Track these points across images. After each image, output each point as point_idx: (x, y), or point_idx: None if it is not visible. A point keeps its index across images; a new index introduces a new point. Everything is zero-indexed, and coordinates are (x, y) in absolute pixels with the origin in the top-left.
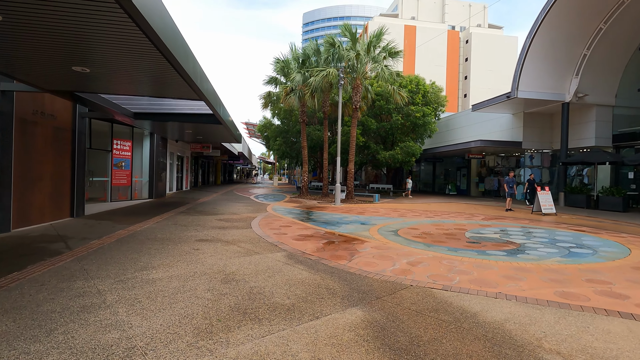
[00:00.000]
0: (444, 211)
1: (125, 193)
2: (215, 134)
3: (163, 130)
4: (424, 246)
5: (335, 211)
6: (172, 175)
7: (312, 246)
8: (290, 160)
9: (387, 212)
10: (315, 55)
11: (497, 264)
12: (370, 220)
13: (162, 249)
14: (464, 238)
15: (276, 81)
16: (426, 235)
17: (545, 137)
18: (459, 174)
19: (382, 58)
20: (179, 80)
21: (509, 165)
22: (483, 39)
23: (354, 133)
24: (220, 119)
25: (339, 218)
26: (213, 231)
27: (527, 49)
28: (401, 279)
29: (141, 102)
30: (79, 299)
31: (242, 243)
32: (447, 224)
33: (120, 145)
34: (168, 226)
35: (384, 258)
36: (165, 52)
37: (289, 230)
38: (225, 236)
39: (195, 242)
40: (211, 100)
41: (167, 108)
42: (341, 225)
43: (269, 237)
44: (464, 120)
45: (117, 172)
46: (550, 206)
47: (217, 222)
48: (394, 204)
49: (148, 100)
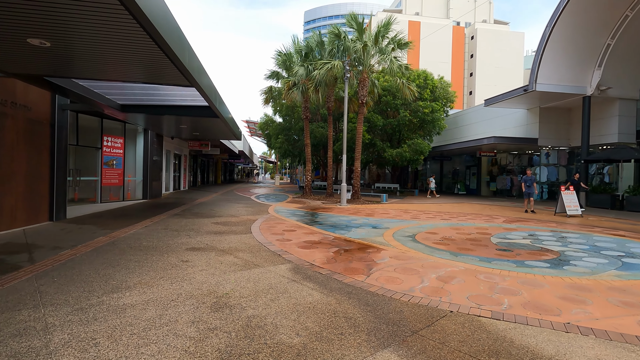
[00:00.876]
0: (459, 212)
1: (117, 193)
2: (213, 130)
3: (157, 126)
4: (450, 255)
5: (341, 212)
6: (169, 174)
7: (321, 256)
8: (292, 158)
9: (398, 214)
10: (319, 48)
11: (544, 279)
12: (381, 224)
13: (144, 261)
14: (491, 245)
15: (278, 75)
16: (448, 241)
17: (562, 133)
18: (469, 173)
19: (390, 50)
20: (163, 60)
21: (520, 163)
22: (489, 35)
23: (360, 129)
24: (216, 110)
25: (347, 221)
26: (208, 237)
27: (546, 38)
28: (436, 302)
29: (131, 93)
30: (13, 341)
31: (240, 252)
32: (467, 228)
33: (111, 142)
34: (157, 231)
35: (408, 271)
36: (141, 19)
37: (294, 236)
38: (221, 243)
39: (185, 252)
40: (205, 89)
41: (158, 100)
42: (351, 229)
43: (271, 244)
44: (474, 117)
45: (107, 171)
46: (576, 207)
47: (213, 226)
48: (403, 205)
49: (139, 91)
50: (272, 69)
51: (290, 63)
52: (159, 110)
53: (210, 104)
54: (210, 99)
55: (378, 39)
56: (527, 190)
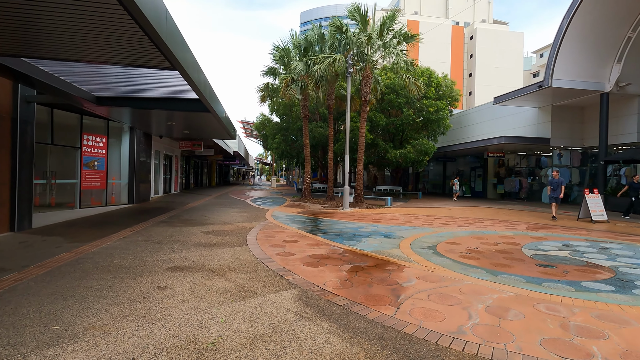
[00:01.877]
0: (472, 218)
1: (100, 198)
2: (206, 128)
3: (144, 123)
4: (488, 274)
5: (346, 218)
6: (158, 176)
7: (333, 277)
8: (289, 160)
9: (408, 220)
10: (319, 43)
11: (622, 310)
12: (393, 231)
13: (108, 289)
14: (527, 258)
15: (275, 72)
16: (476, 254)
17: (575, 133)
18: (474, 175)
19: (395, 43)
20: (131, 25)
21: (528, 164)
22: (488, 34)
23: (363, 129)
24: (207, 103)
25: (354, 228)
26: (195, 251)
27: (564, 30)
28: (502, 352)
29: (110, 84)
30: None
31: (234, 273)
32: (490, 237)
33: (92, 141)
34: (136, 244)
35: (446, 299)
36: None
37: (297, 248)
38: (210, 260)
39: (165, 273)
40: (190, 72)
41: (139, 92)
42: (361, 239)
43: (270, 260)
44: (479, 116)
45: (88, 173)
46: (601, 212)
47: (203, 237)
48: (410, 209)
49: (118, 79)
50: (269, 65)
51: (288, 58)
52: (141, 103)
53: (199, 94)
54: (198, 88)
55: (383, 32)
56: (552, 194)
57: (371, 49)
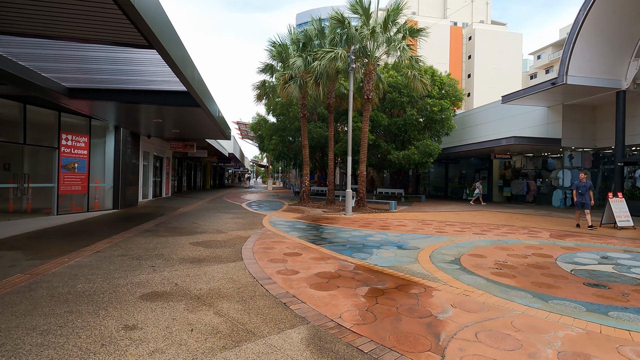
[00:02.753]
0: (486, 224)
1: (81, 203)
2: (197, 127)
3: (130, 122)
4: (536, 299)
5: (350, 224)
6: (147, 179)
7: (349, 305)
8: (287, 162)
9: (418, 226)
10: (319, 38)
11: None
12: (405, 241)
13: (57, 331)
14: (569, 275)
15: (272, 69)
16: (508, 269)
17: (587, 133)
18: (478, 177)
19: (400, 38)
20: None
21: (535, 166)
22: (486, 35)
23: (365, 128)
24: (197, 96)
25: (361, 236)
26: (180, 269)
27: (580, 24)
28: None
29: (85, 73)
30: None
31: (225, 301)
32: (515, 247)
33: (72, 141)
34: (111, 260)
35: (501, 341)
36: None
37: (300, 263)
38: (197, 282)
39: (137, 304)
40: (173, 54)
41: (119, 82)
42: (372, 251)
43: (270, 280)
44: (484, 116)
45: (67, 175)
46: (627, 217)
47: (192, 249)
48: (416, 214)
49: (94, 71)
50: (266, 62)
51: (286, 55)
52: (120, 96)
53: (186, 85)
54: (184, 75)
55: (387, 25)
56: (580, 199)
57: (375, 43)
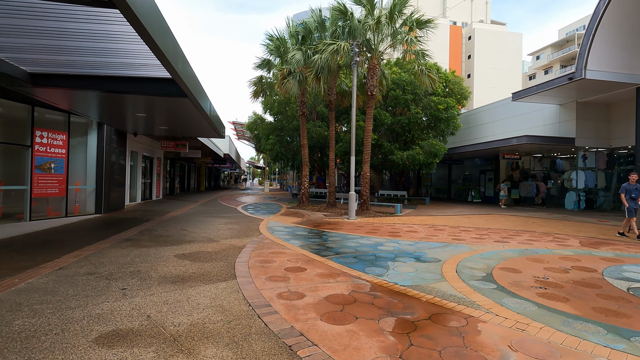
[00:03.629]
0: (503, 229)
1: (59, 207)
2: (187, 122)
3: (112, 117)
4: (612, 335)
5: (355, 230)
6: (136, 181)
7: (375, 348)
8: (284, 162)
9: (431, 233)
10: (319, 31)
11: None
12: (422, 250)
13: None
14: (628, 296)
15: (269, 64)
16: (555, 288)
17: (601, 132)
18: (484, 178)
19: (407, 30)
20: None
21: (543, 167)
22: (486, 35)
23: (369, 127)
24: (182, 83)
25: (370, 245)
26: (156, 295)
27: (600, 14)
28: None
29: (48, 53)
30: None
31: (210, 345)
32: (547, 258)
33: (48, 138)
34: (73, 281)
35: None
36: None
37: (305, 282)
38: (175, 314)
39: (87, 353)
40: (143, 20)
41: (90, 66)
42: (387, 265)
43: (269, 308)
44: (490, 115)
45: (41, 177)
46: None
47: (176, 264)
48: (424, 217)
49: (56, 50)
50: (263, 57)
51: (284, 49)
52: (91, 83)
53: (168, 67)
54: (160, 50)
55: (393, 16)
56: (632, 205)
57: (379, 36)
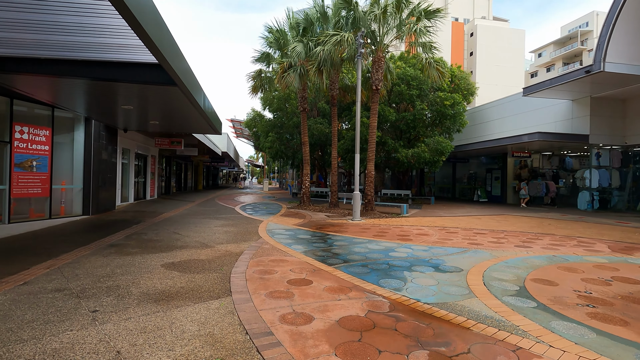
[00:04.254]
0: (519, 232)
1: (42, 208)
2: (179, 115)
3: (99, 111)
4: None
5: (361, 233)
6: (128, 179)
7: None
8: (284, 160)
9: (443, 236)
10: (321, 23)
11: None
12: (439, 257)
13: None
14: None
15: (268, 57)
16: (604, 306)
17: (615, 129)
18: (490, 177)
19: (415, 20)
20: None
21: (551, 165)
22: (488, 31)
23: (374, 123)
24: (169, 68)
25: (381, 251)
26: (133, 319)
27: (621, 3)
28: None
29: (11, 29)
30: None
31: None
32: (580, 266)
33: (29, 134)
34: (35, 300)
35: None
36: None
37: (312, 300)
38: (154, 348)
39: None
40: None
41: (69, 50)
42: (403, 275)
43: (271, 338)
44: (497, 112)
45: (22, 176)
46: None
47: (162, 277)
48: (432, 219)
49: (19, 26)
50: (262, 50)
51: (284, 41)
52: (69, 68)
53: (150, 46)
54: (142, 27)
55: (401, 4)
56: None
57: (385, 27)
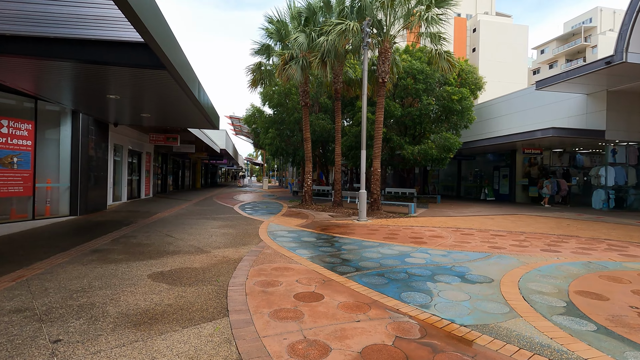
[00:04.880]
0: (540, 233)
1: (24, 208)
2: (173, 107)
3: (86, 103)
4: None
5: (369, 235)
6: (120, 178)
7: None
8: (285, 158)
9: (459, 238)
10: (324, 11)
11: None
12: (461, 264)
13: None
14: None
15: (269, 49)
16: None
17: (632, 124)
18: (498, 175)
19: (424, 9)
20: None
21: (561, 163)
22: (491, 27)
23: (380, 118)
24: (157, 47)
25: (395, 256)
26: (104, 353)
27: None
28: None
29: None
30: None
31: None
32: (624, 275)
33: (9, 128)
34: None
35: None
36: None
37: (326, 321)
38: None
39: None
40: None
41: (33, 25)
42: (427, 287)
43: None
44: (506, 107)
45: (1, 173)
46: None
47: (147, 291)
48: (442, 219)
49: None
50: (261, 42)
51: (285, 32)
52: (34, 48)
53: (135, 22)
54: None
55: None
56: None
57: (392, 16)
